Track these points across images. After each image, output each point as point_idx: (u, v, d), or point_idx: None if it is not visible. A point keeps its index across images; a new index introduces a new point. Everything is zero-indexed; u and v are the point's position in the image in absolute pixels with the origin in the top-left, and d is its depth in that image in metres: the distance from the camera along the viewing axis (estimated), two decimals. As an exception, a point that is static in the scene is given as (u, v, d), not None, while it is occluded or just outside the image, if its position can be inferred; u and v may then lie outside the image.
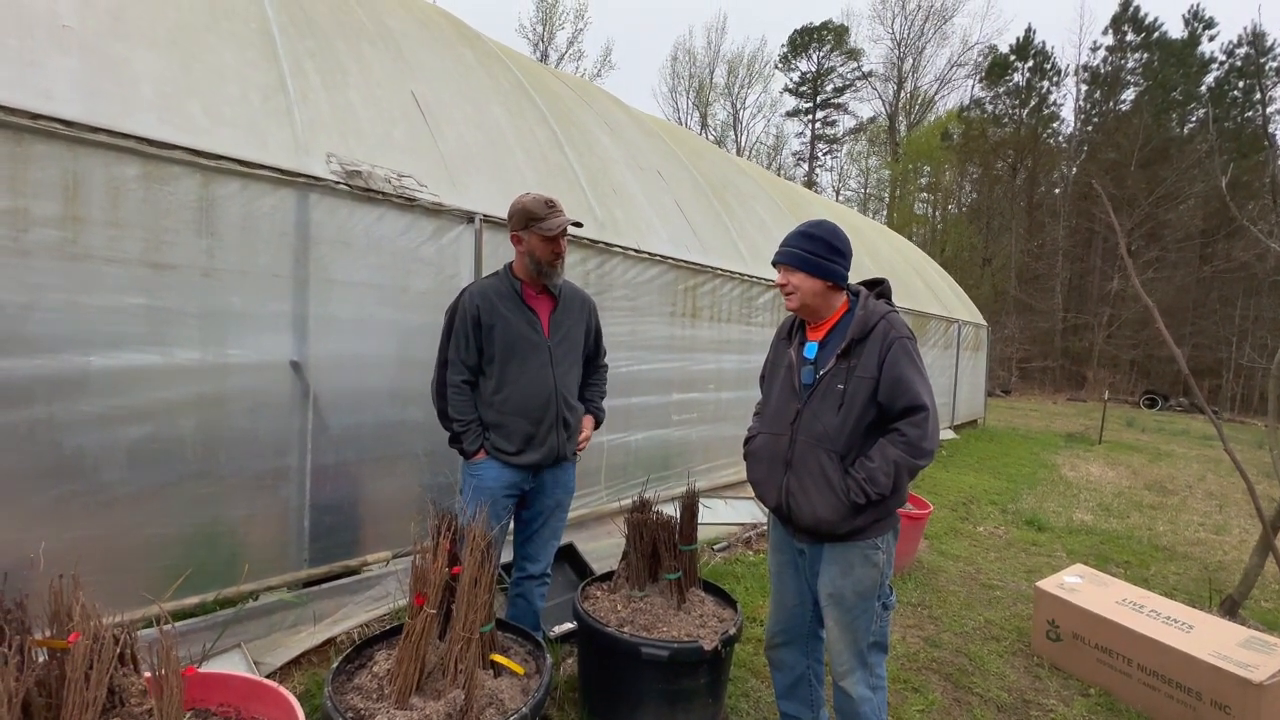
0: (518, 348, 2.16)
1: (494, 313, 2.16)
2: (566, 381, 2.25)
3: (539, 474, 2.28)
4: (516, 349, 2.16)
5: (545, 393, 2.18)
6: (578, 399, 2.35)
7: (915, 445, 1.69)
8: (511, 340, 2.16)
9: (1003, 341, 22.76)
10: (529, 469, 2.22)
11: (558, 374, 2.21)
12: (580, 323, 2.33)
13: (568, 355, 2.27)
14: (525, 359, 2.17)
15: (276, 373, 2.38)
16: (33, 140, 1.83)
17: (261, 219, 2.31)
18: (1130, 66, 27.70)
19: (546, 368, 2.19)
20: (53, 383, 1.89)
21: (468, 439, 2.17)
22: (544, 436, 2.19)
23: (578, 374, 2.34)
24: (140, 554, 2.10)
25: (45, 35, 1.99)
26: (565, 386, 2.24)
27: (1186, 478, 7.95)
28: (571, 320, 2.29)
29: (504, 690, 1.73)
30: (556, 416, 2.21)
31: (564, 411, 2.23)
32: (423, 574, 1.67)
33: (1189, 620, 2.70)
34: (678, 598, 2.26)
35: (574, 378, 2.32)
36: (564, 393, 2.23)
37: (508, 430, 2.16)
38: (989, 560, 4.37)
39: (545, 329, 2.22)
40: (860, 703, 1.83)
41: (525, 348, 2.17)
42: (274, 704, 1.55)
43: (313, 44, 2.84)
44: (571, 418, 2.28)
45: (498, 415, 2.18)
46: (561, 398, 2.22)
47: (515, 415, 2.16)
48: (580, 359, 2.35)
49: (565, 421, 2.24)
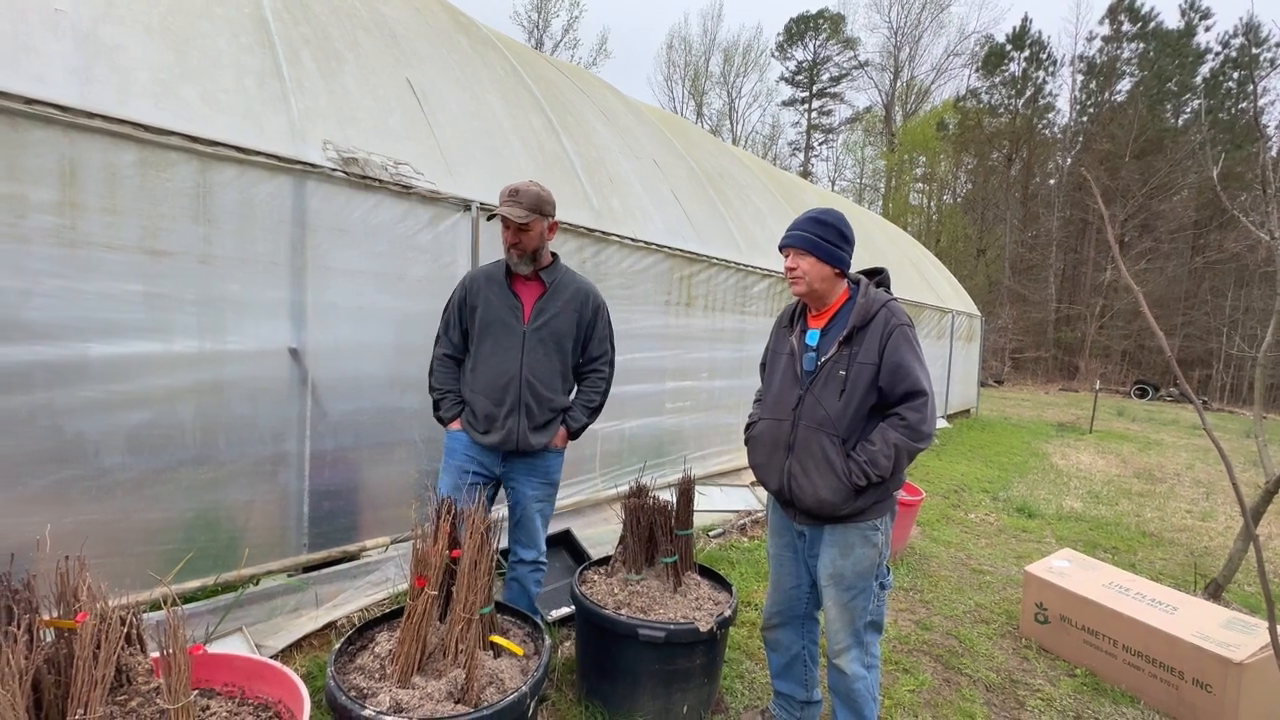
0: (492, 329, 2.22)
1: (479, 295, 2.25)
2: (537, 369, 2.21)
3: (510, 461, 2.27)
4: (491, 330, 2.22)
5: (508, 375, 2.19)
6: (559, 392, 2.28)
7: (915, 429, 1.74)
8: (489, 321, 2.22)
9: (996, 332, 22.89)
10: (494, 451, 2.25)
11: (527, 360, 2.19)
12: (569, 314, 2.26)
13: (544, 343, 2.22)
14: (498, 340, 2.21)
15: (275, 359, 2.39)
16: (29, 126, 1.83)
17: (258, 206, 2.31)
18: (1126, 57, 27.72)
19: (515, 351, 2.19)
20: (52, 368, 1.90)
21: (444, 406, 2.29)
22: (503, 419, 2.19)
23: (558, 365, 2.26)
24: (141, 538, 2.12)
25: (38, 19, 1.98)
26: (534, 373, 2.20)
27: (1175, 466, 8.06)
28: (557, 309, 2.24)
29: (504, 670, 1.77)
30: (518, 401, 2.19)
31: (528, 398, 2.19)
32: (423, 557, 1.70)
33: (1173, 602, 2.76)
34: (674, 581, 2.30)
35: (550, 367, 2.24)
36: (530, 378, 2.19)
37: (474, 408, 2.24)
38: (980, 546, 4.44)
39: (526, 315, 2.22)
40: (854, 680, 1.88)
41: (499, 330, 2.21)
42: (278, 684, 1.57)
43: (308, 30, 2.82)
44: (538, 406, 2.22)
45: (470, 392, 2.26)
46: (526, 382, 2.19)
47: (481, 394, 2.22)
48: (564, 351, 2.27)
49: (529, 409, 2.20)
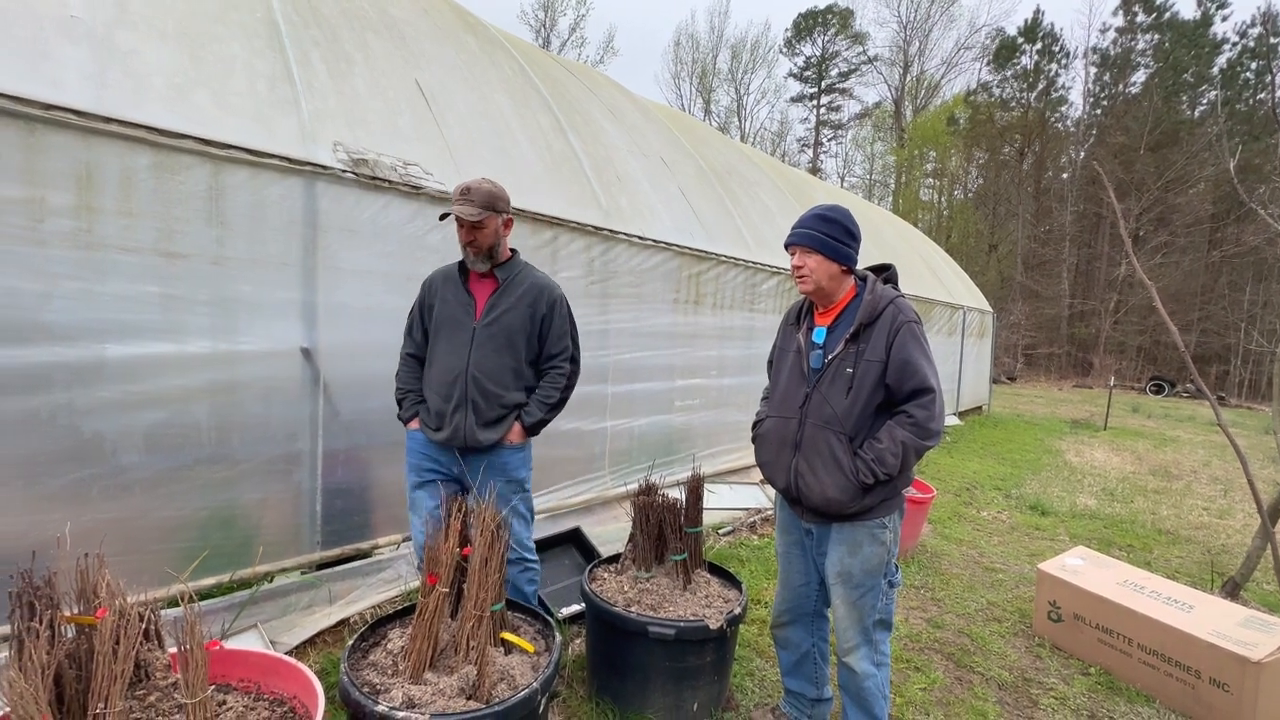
0: (445, 327, 2.23)
1: (436, 294, 2.28)
2: (484, 365, 2.17)
3: (466, 459, 2.22)
4: (444, 328, 2.24)
5: (455, 371, 2.18)
6: (510, 389, 2.22)
7: (922, 426, 1.73)
8: (443, 319, 2.24)
9: (1008, 328, 22.66)
10: (447, 449, 2.24)
11: (474, 356, 2.17)
12: (520, 309, 2.21)
13: (494, 339, 2.18)
14: (450, 338, 2.22)
15: (287, 359, 2.41)
16: (46, 131, 1.86)
17: (270, 208, 2.33)
18: (1140, 48, 27.30)
19: (465, 348, 2.18)
20: (71, 369, 1.93)
21: (404, 405, 2.32)
22: (451, 415, 2.18)
23: (509, 361, 2.21)
24: (157, 536, 2.15)
25: (54, 26, 2.01)
26: (481, 369, 2.17)
27: (1191, 463, 7.95)
28: (508, 305, 2.20)
29: (515, 667, 1.78)
30: (464, 397, 2.17)
31: (474, 394, 2.17)
32: (434, 554, 1.72)
33: (1189, 601, 2.73)
34: (684, 578, 2.30)
35: (499, 363, 2.19)
36: (476, 374, 2.16)
37: (428, 405, 2.26)
38: (992, 544, 4.41)
39: (478, 311, 2.21)
40: (864, 678, 1.87)
41: (451, 327, 2.22)
42: (293, 679, 1.59)
43: (318, 33, 2.84)
44: (485, 402, 2.17)
45: (426, 390, 2.28)
46: (473, 378, 2.16)
47: (433, 391, 2.24)
48: (515, 347, 2.22)
49: (475, 405, 2.17)
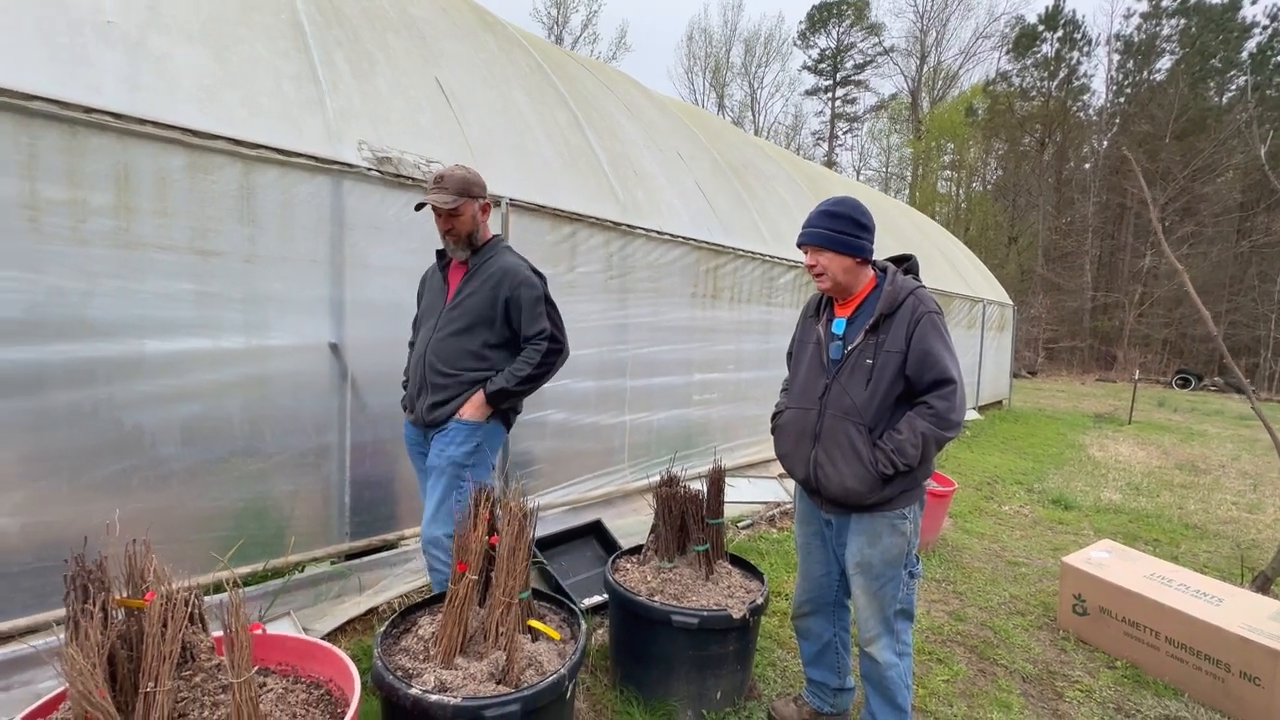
0: (425, 315, 2.34)
1: (425, 283, 2.41)
2: (440, 348, 2.21)
3: (430, 437, 2.28)
4: (424, 316, 2.34)
5: (418, 355, 2.28)
6: (467, 369, 2.21)
7: (943, 417, 1.72)
8: (425, 308, 2.36)
9: (1029, 322, 22.30)
10: (419, 430, 2.32)
11: (434, 339, 2.23)
12: (484, 292, 2.21)
13: (454, 322, 2.21)
14: (424, 324, 2.32)
15: (316, 354, 2.47)
16: (87, 133, 1.92)
17: (298, 206, 2.38)
18: (1166, 34, 26.60)
19: (430, 332, 2.26)
20: (112, 364, 2.00)
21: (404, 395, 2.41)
22: (415, 398, 2.29)
23: (468, 343, 2.21)
24: (194, 525, 2.22)
25: (91, 31, 2.07)
26: (436, 352, 2.21)
27: (1220, 457, 7.79)
28: (473, 289, 2.22)
29: (542, 653, 1.81)
30: (423, 380, 2.24)
31: (431, 376, 2.22)
32: (464, 543, 1.75)
33: (1219, 594, 2.69)
34: (706, 569, 2.32)
35: (456, 346, 2.20)
36: (431, 357, 2.22)
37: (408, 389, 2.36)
38: (1014, 538, 4.37)
39: (449, 297, 2.27)
40: (886, 668, 1.88)
41: (428, 314, 2.32)
42: (329, 663, 1.64)
43: (340, 34, 2.89)
44: (439, 382, 2.21)
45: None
46: (428, 362, 2.22)
47: (408, 376, 2.35)
48: (474, 331, 2.21)
49: (432, 386, 2.22)
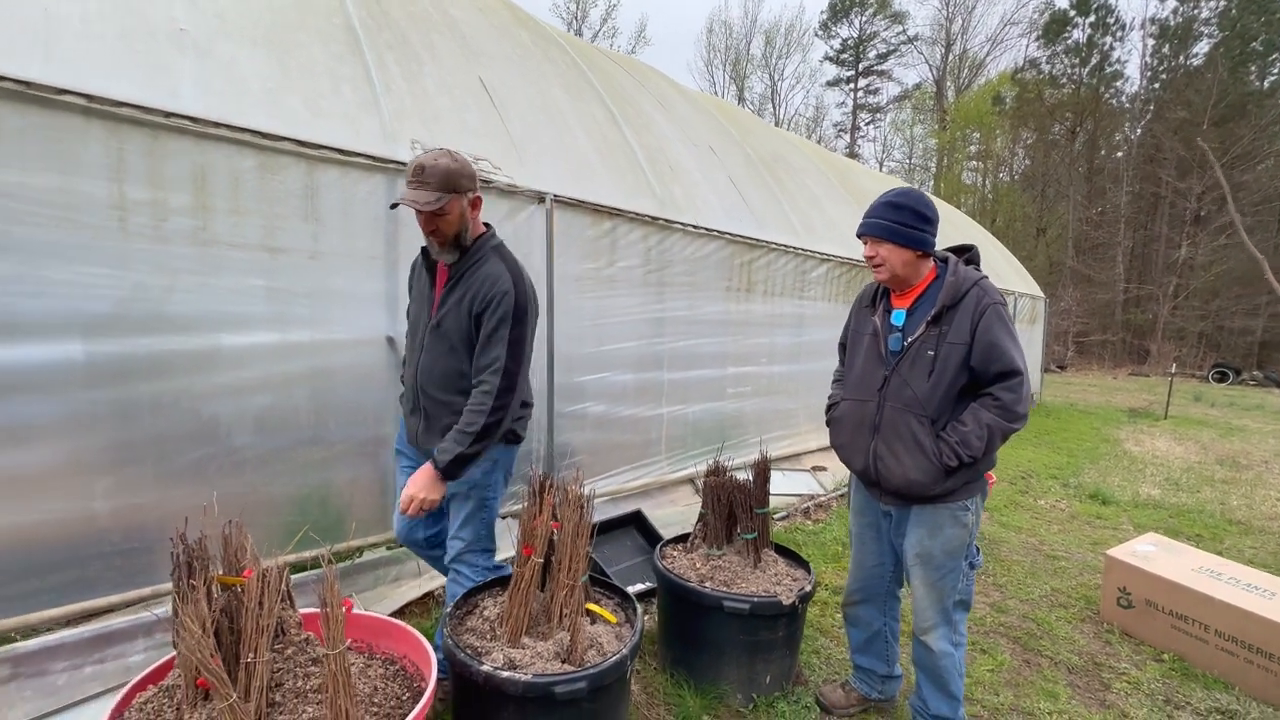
0: (412, 323, 2.06)
1: (412, 288, 2.12)
2: (431, 370, 1.96)
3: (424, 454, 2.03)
4: (411, 326, 2.07)
5: (410, 376, 2.03)
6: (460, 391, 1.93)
7: (1009, 409, 1.72)
8: (413, 316, 2.07)
9: (1058, 315, 21.82)
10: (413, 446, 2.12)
11: (423, 360, 1.97)
12: (459, 310, 1.89)
13: (439, 342, 1.93)
14: (412, 337, 2.06)
15: (375, 348, 2.56)
16: (167, 137, 2.02)
17: (358, 204, 2.47)
18: (1204, 17, 25.71)
19: (416, 352, 2.00)
20: (191, 357, 2.11)
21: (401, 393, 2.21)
22: (409, 419, 2.08)
23: (453, 365, 1.93)
24: (265, 511, 2.33)
25: (166, 39, 2.17)
26: (427, 375, 1.96)
27: (1262, 453, 7.59)
28: (450, 305, 1.91)
29: (601, 635, 1.88)
30: (416, 403, 2.02)
31: (425, 401, 1.98)
32: (530, 528, 1.82)
33: (1270, 587, 2.67)
34: (753, 557, 2.37)
35: (445, 368, 1.94)
36: (423, 381, 1.97)
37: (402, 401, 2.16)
38: (1052, 532, 4.34)
39: (434, 308, 1.96)
40: (941, 657, 1.91)
41: (413, 325, 2.05)
42: (403, 641, 1.72)
43: (390, 36, 2.97)
44: (435, 411, 1.97)
45: None
46: (421, 386, 1.98)
47: (404, 383, 2.14)
48: (457, 353, 1.92)
49: (426, 413, 1.99)
